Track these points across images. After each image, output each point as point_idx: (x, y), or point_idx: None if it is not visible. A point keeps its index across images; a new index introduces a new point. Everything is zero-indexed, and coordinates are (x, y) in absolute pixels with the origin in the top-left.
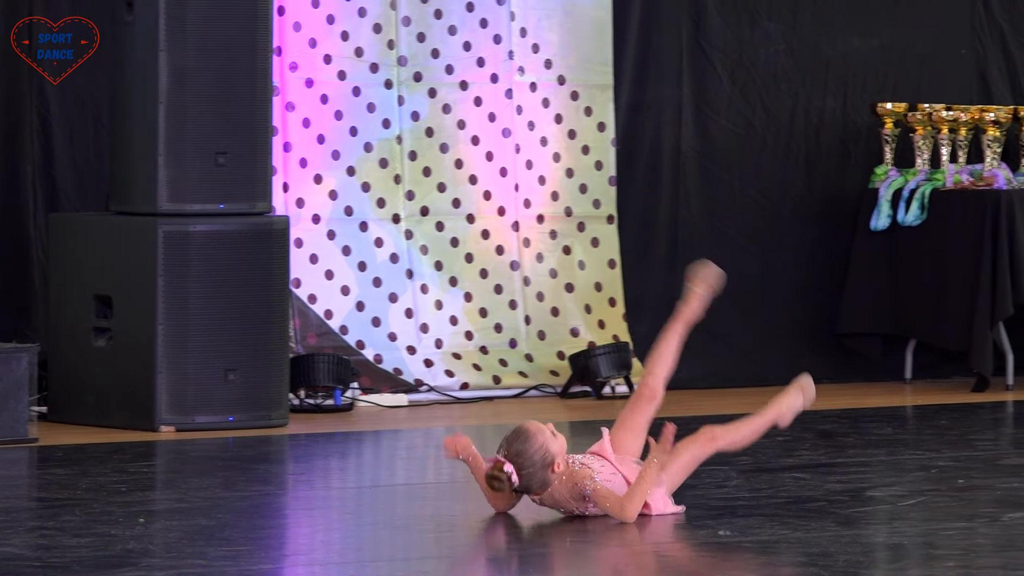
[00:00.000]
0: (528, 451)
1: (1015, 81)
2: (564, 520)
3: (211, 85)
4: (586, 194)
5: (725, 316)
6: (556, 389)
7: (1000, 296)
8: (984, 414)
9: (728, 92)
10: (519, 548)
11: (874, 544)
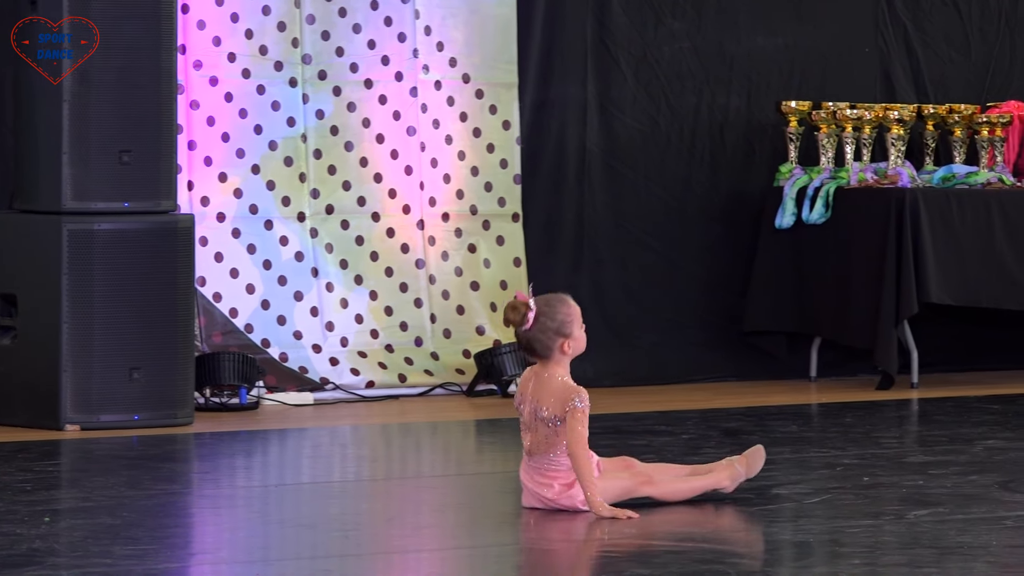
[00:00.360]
0: (557, 308)
1: (919, 79)
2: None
3: (115, 83)
4: (491, 192)
5: (629, 314)
6: (462, 387)
7: (905, 294)
8: (889, 412)
9: (633, 90)
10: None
11: (780, 542)
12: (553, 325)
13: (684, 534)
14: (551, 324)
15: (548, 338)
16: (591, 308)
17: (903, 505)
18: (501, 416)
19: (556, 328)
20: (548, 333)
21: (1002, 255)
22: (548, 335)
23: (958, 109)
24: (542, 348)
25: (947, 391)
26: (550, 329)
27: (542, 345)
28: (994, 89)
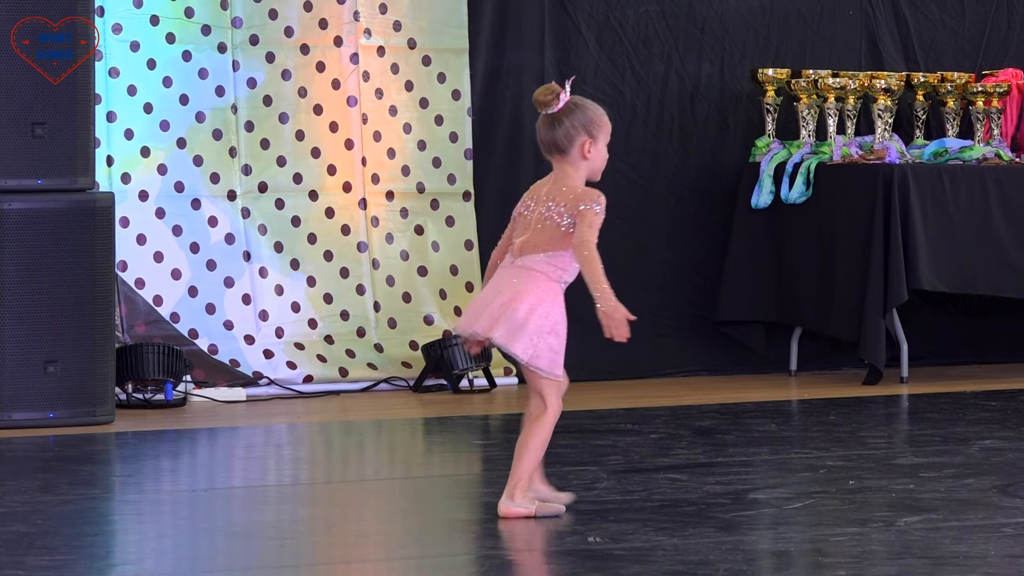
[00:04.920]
0: (591, 105)
1: (907, 45)
2: (423, 528)
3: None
4: (440, 168)
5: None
6: (409, 382)
7: (893, 281)
8: (876, 409)
9: (595, 57)
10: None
11: (758, 551)
12: (583, 117)
13: (654, 542)
14: (581, 116)
15: (574, 129)
16: None
17: (892, 511)
18: (451, 413)
19: (584, 123)
20: (576, 124)
21: (1000, 237)
22: (575, 126)
23: (951, 78)
24: (564, 137)
25: (940, 386)
26: (578, 120)
27: (565, 133)
28: (990, 56)
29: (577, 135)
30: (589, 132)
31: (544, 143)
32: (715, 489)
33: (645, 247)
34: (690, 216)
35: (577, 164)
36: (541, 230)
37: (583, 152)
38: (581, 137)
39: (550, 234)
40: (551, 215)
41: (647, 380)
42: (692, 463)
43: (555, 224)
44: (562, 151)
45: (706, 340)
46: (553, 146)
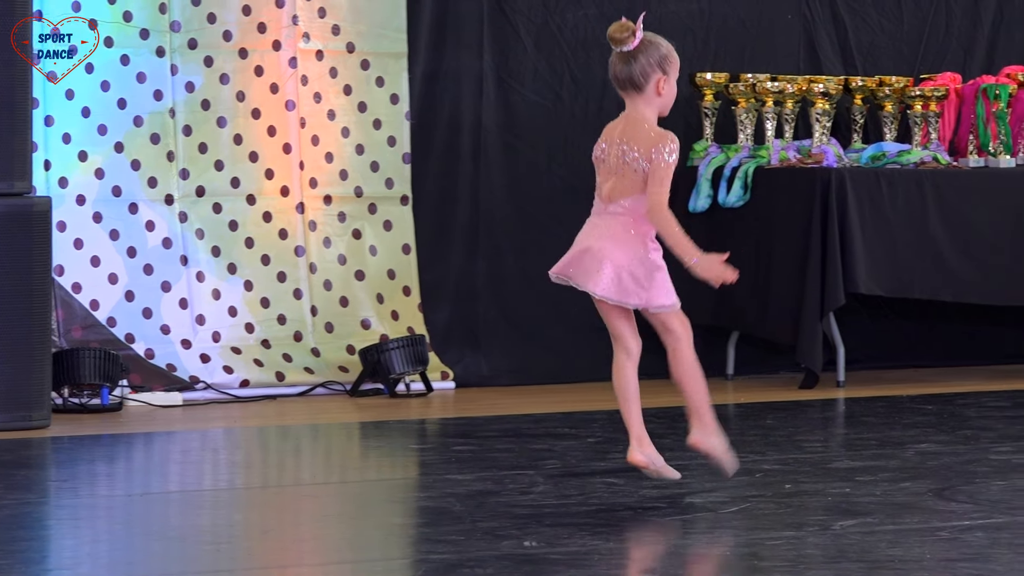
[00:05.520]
0: (661, 42)
1: (846, 49)
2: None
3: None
4: (378, 172)
5: (530, 306)
6: (345, 387)
7: (830, 284)
8: (813, 413)
9: (533, 60)
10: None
11: (694, 555)
12: (657, 55)
13: (590, 547)
14: (655, 52)
15: (649, 66)
16: (488, 299)
17: (828, 515)
18: (388, 418)
19: (659, 60)
20: (651, 61)
21: (937, 241)
22: (651, 62)
23: (889, 82)
24: (640, 74)
25: (876, 390)
26: (653, 57)
27: (641, 70)
28: (928, 60)
29: (652, 72)
30: (663, 69)
31: (619, 80)
32: (651, 493)
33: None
34: None
35: (651, 100)
36: (623, 176)
37: (658, 88)
38: (656, 74)
39: (631, 179)
40: (629, 161)
41: (585, 384)
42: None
43: (633, 170)
44: (638, 87)
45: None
46: (629, 82)
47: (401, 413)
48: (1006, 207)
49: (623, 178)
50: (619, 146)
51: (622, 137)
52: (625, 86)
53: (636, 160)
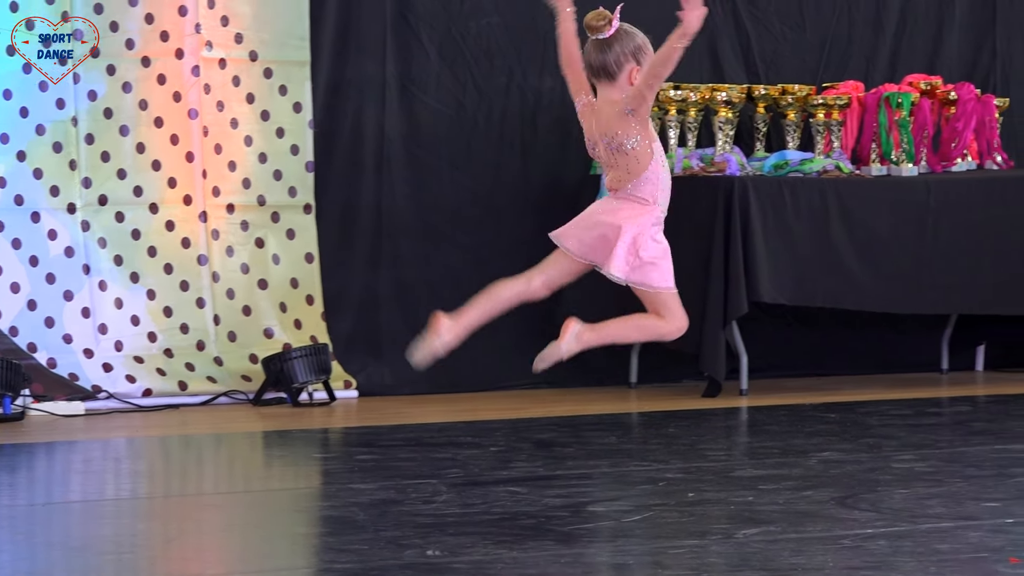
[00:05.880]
0: (636, 33)
1: (748, 57)
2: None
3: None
4: (281, 181)
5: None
6: (248, 396)
7: (733, 293)
8: (716, 421)
9: (436, 69)
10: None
11: (597, 564)
12: (632, 45)
13: (494, 555)
14: (630, 42)
15: (623, 55)
16: (391, 308)
17: (731, 523)
18: (291, 427)
19: (633, 50)
20: (625, 50)
21: (840, 250)
22: (624, 52)
23: (791, 90)
24: (614, 63)
25: (779, 398)
26: (628, 47)
27: (615, 59)
28: (831, 68)
29: (626, 61)
30: (637, 59)
31: (593, 67)
32: (554, 502)
33: (486, 259)
34: (532, 229)
35: (623, 89)
36: (616, 164)
37: (630, 78)
38: (629, 63)
39: (626, 164)
40: (615, 147)
41: (488, 393)
42: (532, 476)
43: (623, 152)
44: (611, 76)
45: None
46: (602, 71)
47: (304, 422)
48: (908, 215)
49: (617, 166)
50: (602, 140)
51: (601, 131)
52: (598, 74)
53: (624, 142)
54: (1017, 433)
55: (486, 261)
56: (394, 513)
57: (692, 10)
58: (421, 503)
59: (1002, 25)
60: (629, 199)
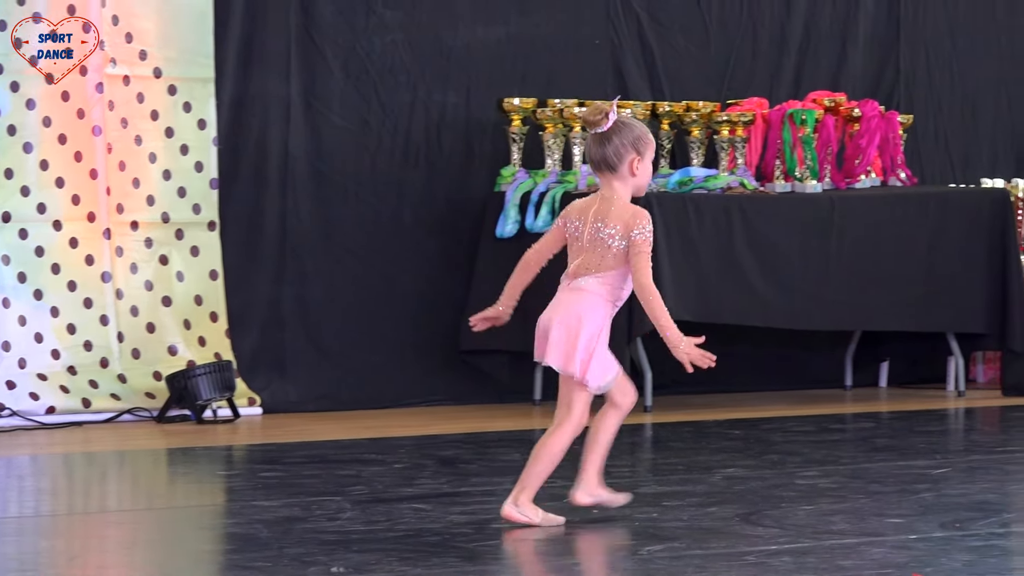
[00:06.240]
0: (637, 124)
1: (653, 74)
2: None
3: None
4: (185, 198)
5: (337, 332)
6: (152, 413)
7: (638, 310)
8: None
9: (341, 85)
10: None
11: None
12: (631, 136)
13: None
14: (629, 134)
15: (623, 146)
16: (295, 325)
17: (636, 540)
18: (195, 444)
19: (633, 141)
20: (624, 142)
21: (744, 266)
22: (624, 143)
23: (696, 107)
24: (614, 155)
25: (684, 415)
26: (627, 138)
27: (615, 151)
28: (735, 85)
29: (626, 152)
30: (637, 149)
31: (594, 161)
32: (459, 519)
33: (391, 277)
34: (436, 246)
35: (625, 180)
36: (592, 251)
37: (631, 169)
38: (630, 154)
39: (602, 255)
40: (603, 237)
41: (392, 410)
42: (436, 493)
43: (607, 246)
44: (612, 168)
45: (451, 370)
46: (603, 163)
47: (208, 439)
48: (812, 232)
49: (592, 254)
50: (593, 224)
51: (596, 215)
52: (600, 167)
53: (612, 236)
54: (920, 449)
55: (391, 278)
56: (298, 530)
57: (697, 362)
58: (325, 520)
59: (906, 42)
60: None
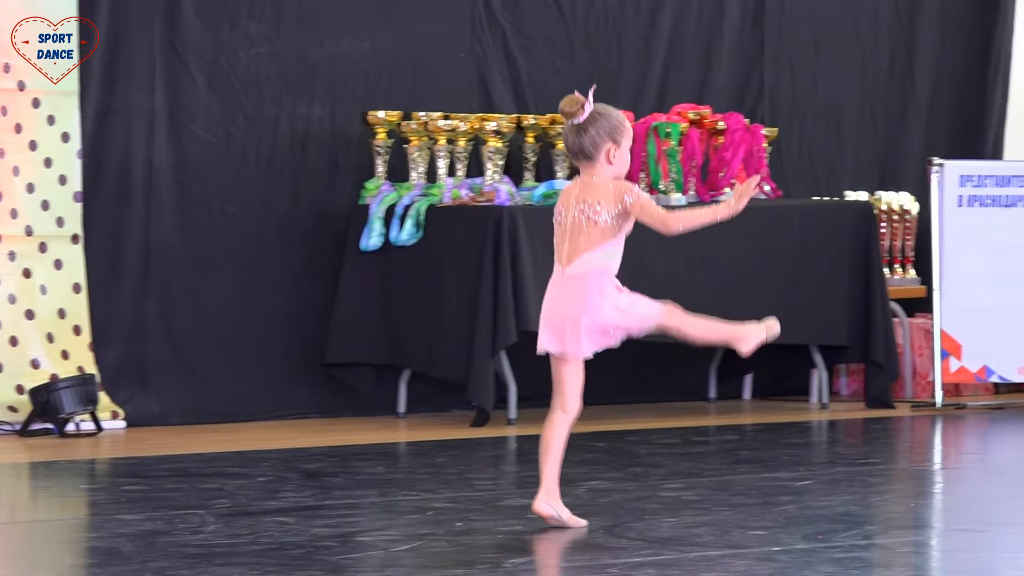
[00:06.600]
0: (614, 112)
1: (518, 88)
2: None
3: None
4: (49, 211)
5: (201, 345)
6: (15, 426)
7: (502, 322)
8: (484, 451)
9: (205, 99)
10: None
11: None
12: (607, 126)
13: None
14: (605, 123)
15: (599, 136)
16: (159, 339)
17: (500, 553)
18: (58, 458)
19: (609, 130)
20: (601, 131)
21: None
22: (600, 133)
23: (561, 120)
24: (591, 144)
25: None
26: (603, 128)
27: (591, 141)
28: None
29: (603, 142)
30: (614, 139)
31: (572, 150)
32: (323, 532)
33: (255, 290)
34: (301, 259)
35: (603, 169)
36: (578, 233)
37: (608, 158)
38: (606, 144)
39: (588, 232)
40: (587, 215)
41: (256, 423)
42: (300, 506)
43: (592, 222)
44: (589, 157)
45: (316, 382)
46: (580, 153)
47: (71, 453)
48: (675, 244)
49: (578, 235)
50: (576, 206)
51: (579, 197)
52: (578, 156)
53: (598, 213)
54: (783, 461)
55: (254, 291)
56: (161, 544)
57: (740, 201)
58: (189, 533)
59: (770, 56)
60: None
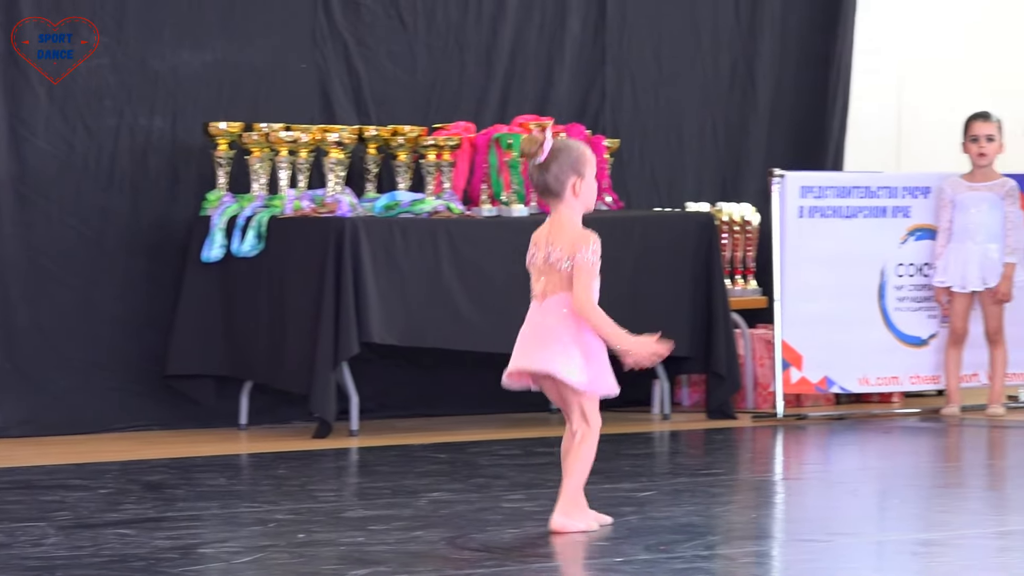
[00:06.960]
0: (571, 146)
1: (360, 99)
2: None
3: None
4: None
5: (41, 357)
6: None
7: (344, 333)
8: (326, 462)
9: (46, 110)
10: None
11: None
12: (568, 159)
13: None
14: (566, 158)
15: (562, 171)
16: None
17: (341, 564)
18: None
19: (571, 163)
20: (563, 166)
21: (451, 291)
22: (563, 168)
23: (402, 131)
24: (555, 181)
25: (390, 439)
26: (565, 162)
27: (555, 178)
28: (442, 109)
29: (567, 177)
30: (577, 171)
31: (538, 188)
32: (164, 544)
33: (95, 301)
34: (141, 270)
35: (571, 202)
36: (550, 273)
37: (574, 191)
38: (571, 178)
39: (558, 277)
40: (553, 261)
41: (97, 435)
42: (141, 518)
43: (557, 269)
44: (556, 195)
45: (157, 394)
46: (547, 191)
47: None
48: (519, 256)
49: (551, 276)
50: (545, 248)
51: (548, 239)
52: (544, 194)
53: (559, 260)
54: (626, 472)
55: (96, 304)
56: (2, 556)
57: (641, 353)
58: (30, 546)
59: (612, 66)
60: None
